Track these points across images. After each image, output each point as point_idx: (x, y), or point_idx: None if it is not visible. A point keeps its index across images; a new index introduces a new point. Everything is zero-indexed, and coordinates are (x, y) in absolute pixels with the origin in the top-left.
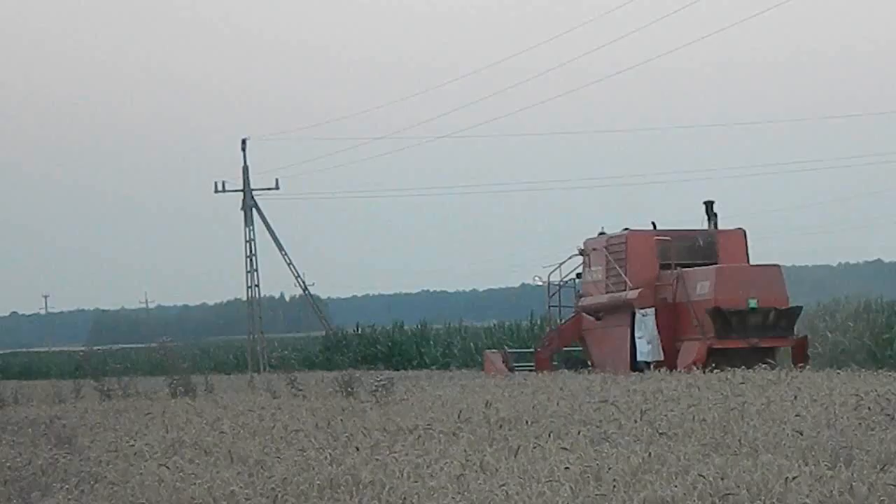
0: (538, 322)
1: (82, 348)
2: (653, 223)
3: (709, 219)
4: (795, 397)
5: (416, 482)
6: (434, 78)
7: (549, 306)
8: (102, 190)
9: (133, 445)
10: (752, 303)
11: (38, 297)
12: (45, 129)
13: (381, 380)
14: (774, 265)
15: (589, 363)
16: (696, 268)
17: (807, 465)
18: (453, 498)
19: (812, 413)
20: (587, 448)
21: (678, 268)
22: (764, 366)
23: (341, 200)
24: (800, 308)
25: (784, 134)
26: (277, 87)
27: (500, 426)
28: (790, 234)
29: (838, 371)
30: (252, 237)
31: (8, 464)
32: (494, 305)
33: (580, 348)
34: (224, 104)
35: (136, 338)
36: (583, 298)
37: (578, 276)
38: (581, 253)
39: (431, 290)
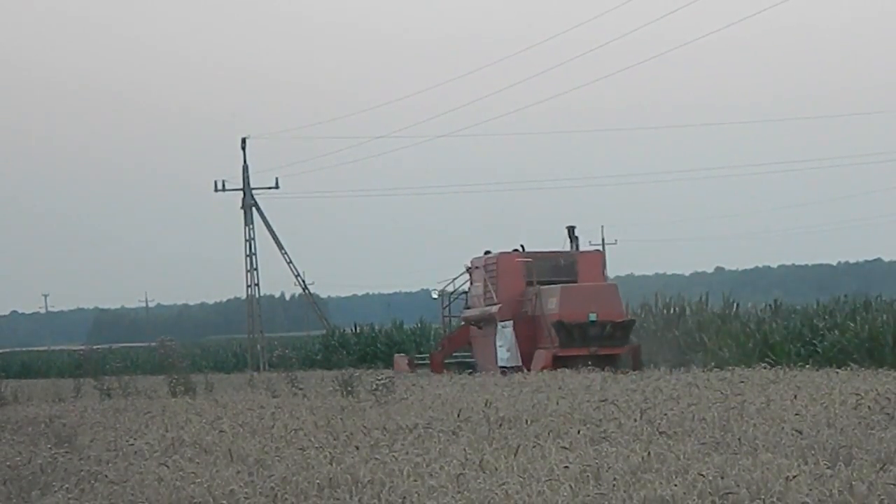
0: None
1: (82, 347)
2: (521, 246)
3: (571, 241)
4: (795, 396)
5: (416, 481)
6: (433, 77)
7: (443, 316)
8: (102, 189)
9: (133, 444)
10: (592, 317)
11: (37, 295)
12: (45, 129)
13: (380, 379)
14: (612, 284)
15: (476, 366)
16: (548, 286)
17: (806, 464)
18: (453, 497)
19: (812, 412)
20: (587, 447)
21: (539, 285)
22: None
23: (341, 199)
24: (633, 321)
25: (784, 133)
26: (277, 85)
27: (500, 425)
28: (791, 234)
29: (838, 370)
30: (252, 236)
31: (8, 462)
32: None
33: (469, 352)
34: (224, 103)
35: (135, 337)
36: (468, 310)
37: (466, 290)
38: (468, 270)
39: (431, 289)
